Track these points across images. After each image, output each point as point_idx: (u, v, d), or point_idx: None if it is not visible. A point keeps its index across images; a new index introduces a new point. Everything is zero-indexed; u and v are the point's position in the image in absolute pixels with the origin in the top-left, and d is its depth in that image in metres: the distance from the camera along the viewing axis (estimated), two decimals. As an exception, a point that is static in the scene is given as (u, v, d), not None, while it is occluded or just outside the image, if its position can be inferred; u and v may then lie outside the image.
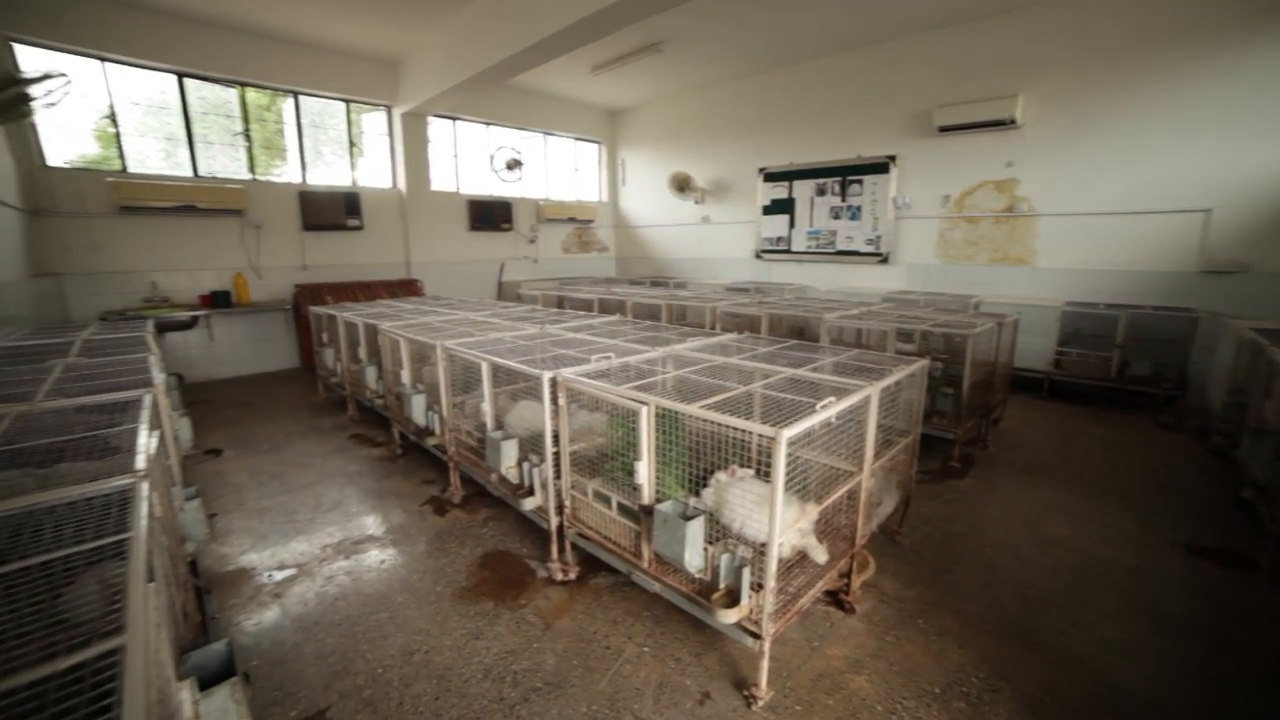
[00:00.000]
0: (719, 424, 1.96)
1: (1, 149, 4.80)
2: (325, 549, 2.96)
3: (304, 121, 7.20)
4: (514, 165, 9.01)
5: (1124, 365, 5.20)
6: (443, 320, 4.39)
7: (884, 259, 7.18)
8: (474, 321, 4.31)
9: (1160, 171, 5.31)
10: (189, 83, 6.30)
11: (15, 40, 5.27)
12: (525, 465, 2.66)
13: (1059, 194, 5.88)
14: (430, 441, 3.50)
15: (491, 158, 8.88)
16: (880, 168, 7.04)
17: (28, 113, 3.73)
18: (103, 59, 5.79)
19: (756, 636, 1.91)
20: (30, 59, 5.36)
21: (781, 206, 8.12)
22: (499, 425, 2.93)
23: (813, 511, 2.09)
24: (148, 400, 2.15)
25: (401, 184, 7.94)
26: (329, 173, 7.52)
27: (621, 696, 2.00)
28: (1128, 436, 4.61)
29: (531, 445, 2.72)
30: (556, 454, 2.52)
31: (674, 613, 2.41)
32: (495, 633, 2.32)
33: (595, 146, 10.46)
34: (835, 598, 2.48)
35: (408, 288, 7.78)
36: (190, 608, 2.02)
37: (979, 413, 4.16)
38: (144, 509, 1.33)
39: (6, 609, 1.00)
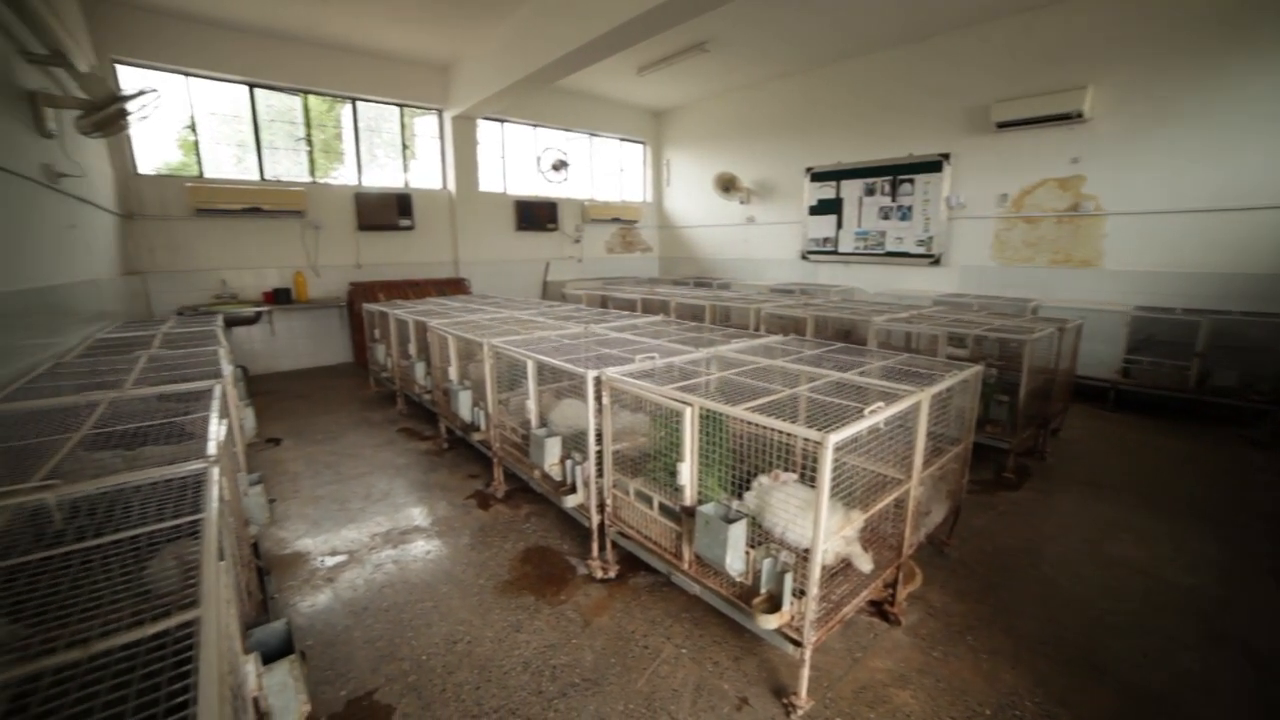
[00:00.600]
0: (763, 427, 1.93)
1: (103, 159, 5.24)
2: (374, 537, 3.07)
3: (360, 126, 7.50)
4: (560, 166, 9.14)
5: (1204, 375, 4.82)
6: (489, 318, 4.49)
7: (935, 261, 6.93)
8: (519, 320, 4.39)
9: (1255, 165, 4.86)
10: (258, 92, 6.68)
11: (117, 62, 5.80)
12: (568, 463, 2.69)
13: (1131, 191, 5.52)
14: (475, 437, 3.59)
15: (538, 159, 9.04)
16: (933, 166, 6.80)
17: (125, 126, 4.03)
18: (186, 74, 6.23)
19: (797, 644, 1.88)
20: (127, 78, 5.87)
21: (829, 207, 7.96)
22: (543, 422, 2.98)
23: (858, 519, 2.04)
24: (218, 390, 2.28)
25: (451, 185, 8.17)
26: (382, 175, 7.81)
27: (659, 697, 2.00)
28: (1209, 453, 4.27)
29: (574, 443, 2.75)
30: (599, 452, 2.54)
31: (713, 615, 2.39)
32: (535, 627, 2.35)
33: (640, 147, 10.50)
34: (880, 608, 2.41)
35: (455, 286, 8.00)
36: (253, 587, 2.14)
37: (1036, 422, 3.96)
38: (215, 492, 1.41)
39: (102, 577, 1.09)
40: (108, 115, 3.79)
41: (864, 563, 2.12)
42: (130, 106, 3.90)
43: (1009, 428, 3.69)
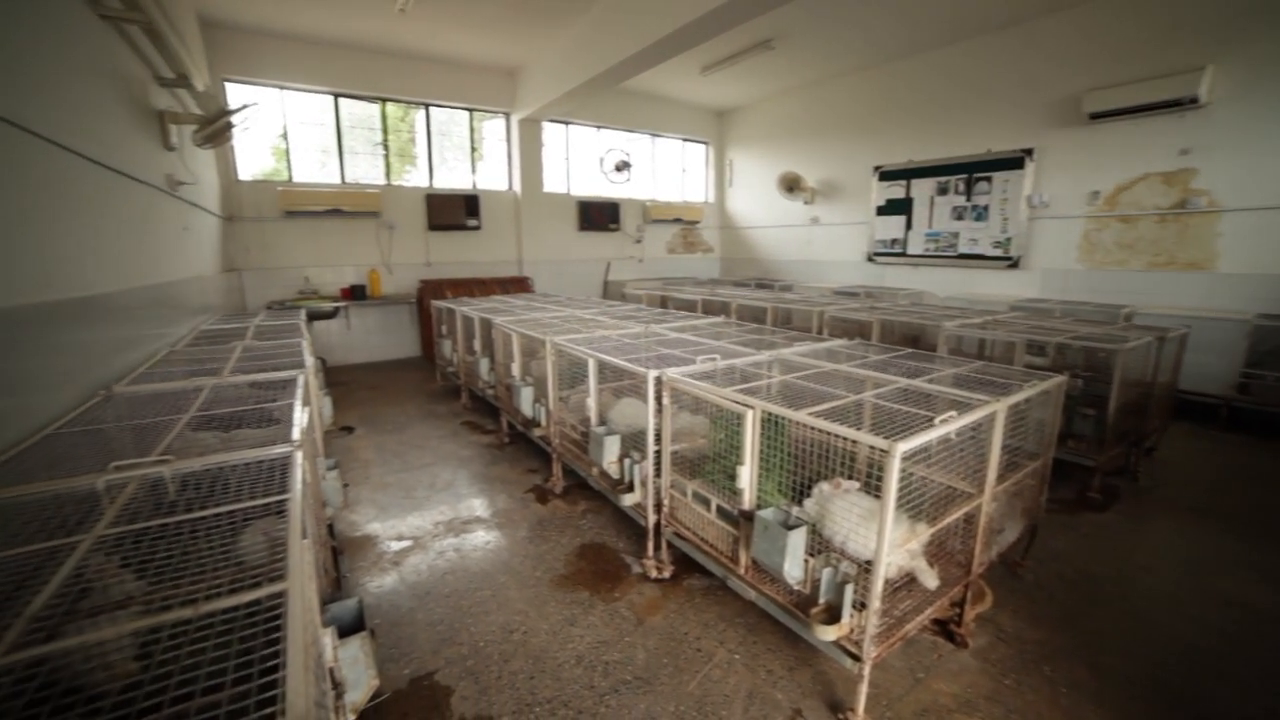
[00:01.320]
0: (826, 433, 1.88)
1: (211, 168, 5.75)
2: (437, 525, 3.21)
3: (432, 130, 7.84)
4: (622, 167, 9.23)
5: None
6: (551, 317, 4.59)
7: (1013, 263, 6.52)
8: (581, 319, 4.46)
9: None
10: (342, 102, 7.12)
11: (226, 80, 6.39)
12: (626, 461, 2.71)
13: (1257, 185, 4.89)
14: (536, 432, 3.68)
15: (601, 160, 9.16)
16: (1013, 163, 6.40)
17: (230, 137, 4.41)
18: (281, 88, 6.74)
19: (856, 658, 1.82)
20: (234, 94, 6.45)
21: (898, 207, 7.65)
22: (602, 421, 3.02)
23: (924, 532, 1.95)
24: (301, 380, 2.44)
25: (517, 186, 8.41)
26: (451, 177, 8.13)
27: (710, 701, 1.98)
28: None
29: (633, 442, 2.77)
30: (658, 452, 2.55)
31: (768, 622, 2.35)
32: (589, 622, 2.39)
33: (703, 147, 10.45)
34: (945, 628, 2.30)
35: (519, 285, 8.23)
36: (328, 565, 2.28)
37: (1128, 439, 3.66)
38: (299, 475, 1.51)
39: (205, 545, 1.19)
40: (217, 128, 4.16)
41: (929, 579, 2.02)
42: (235, 119, 4.25)
43: (1095, 444, 3.43)
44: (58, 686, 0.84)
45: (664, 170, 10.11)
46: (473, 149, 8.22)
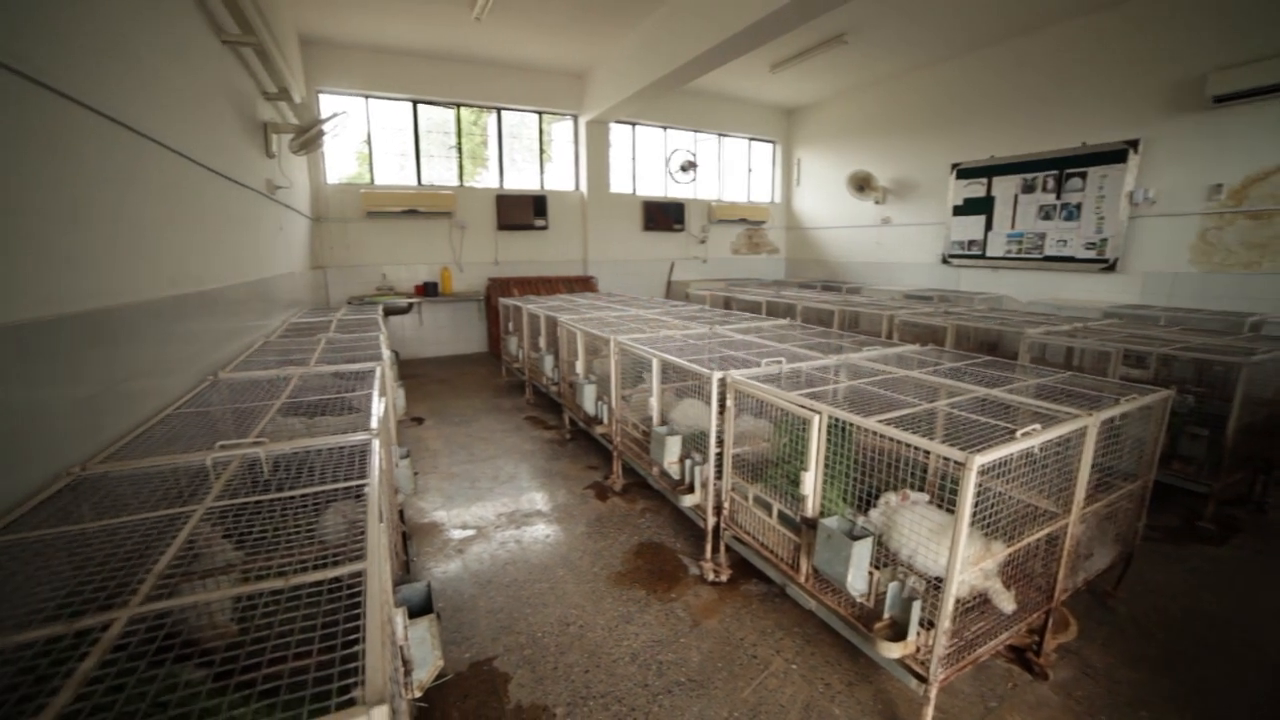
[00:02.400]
0: (897, 442, 1.81)
1: (303, 172, 6.22)
2: (500, 517, 3.31)
3: (503, 132, 8.11)
4: (688, 167, 9.21)
5: None
6: (615, 316, 4.65)
7: (1109, 266, 5.99)
8: (645, 318, 4.49)
9: None
10: (420, 107, 7.49)
11: (320, 91, 6.88)
12: (687, 462, 2.71)
13: None
14: (597, 430, 3.73)
15: (667, 160, 9.18)
16: (1113, 156, 5.87)
17: (321, 144, 4.75)
18: (366, 97, 7.18)
19: (922, 679, 1.74)
20: (325, 104, 6.94)
21: (977, 206, 7.22)
22: (664, 420, 3.02)
23: (1000, 552, 1.84)
24: (378, 372, 2.59)
25: (583, 186, 8.56)
26: (520, 178, 8.38)
27: (765, 710, 1.95)
28: None
29: (694, 443, 2.77)
30: (719, 454, 2.53)
31: (827, 634, 2.29)
32: (645, 620, 2.40)
33: (770, 146, 10.27)
34: (1022, 656, 2.15)
35: (584, 284, 8.37)
36: (399, 548, 2.40)
37: (1253, 465, 3.28)
38: (376, 461, 1.60)
39: (292, 524, 1.29)
40: (311, 136, 4.49)
41: (1005, 602, 1.90)
42: (327, 128, 4.57)
43: (1208, 468, 3.10)
44: (179, 638, 0.94)
45: (730, 170, 10.01)
46: (541, 151, 8.43)
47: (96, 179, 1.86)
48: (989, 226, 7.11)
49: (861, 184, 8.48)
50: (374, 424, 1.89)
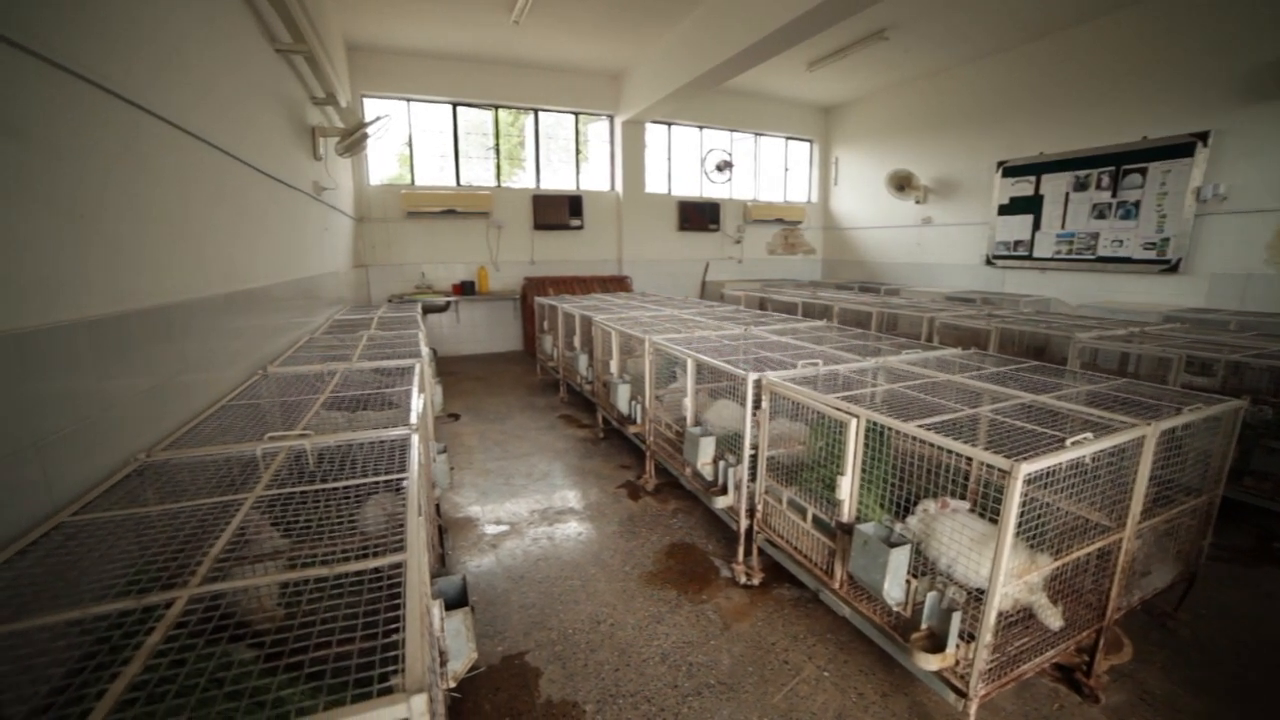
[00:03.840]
0: (936, 448, 1.76)
1: (347, 174, 6.44)
2: (533, 513, 3.36)
3: (539, 133, 8.21)
4: (724, 167, 9.16)
5: None
6: (650, 316, 4.65)
7: (1171, 267, 5.67)
8: (679, 319, 4.48)
9: None
10: (459, 110, 7.65)
11: (364, 95, 7.12)
12: (720, 464, 2.69)
13: None
14: (631, 429, 3.74)
15: (702, 160, 9.14)
16: (1178, 150, 5.54)
17: (365, 147, 4.90)
18: (408, 100, 7.38)
19: (961, 694, 1.68)
20: (369, 107, 7.16)
21: (1024, 205, 6.95)
22: (697, 421, 3.01)
23: (1046, 565, 1.77)
24: (418, 369, 2.65)
25: (619, 187, 8.60)
26: (556, 178, 8.47)
27: (796, 716, 1.92)
28: None
29: (728, 444, 2.75)
30: (753, 456, 2.51)
31: (861, 642, 2.24)
32: (675, 621, 2.40)
33: (807, 145, 10.12)
34: (1069, 676, 2.06)
35: (618, 284, 8.41)
36: (435, 541, 2.46)
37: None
38: (415, 456, 1.64)
39: (335, 514, 1.33)
40: (355, 139, 4.63)
41: (1052, 618, 1.83)
42: (370, 130, 4.71)
43: (1280, 484, 2.91)
44: (232, 619, 0.98)
45: (766, 170, 9.90)
46: (577, 151, 8.51)
47: (161, 182, 1.97)
48: (1037, 226, 6.84)
49: (902, 183, 8.28)
50: (414, 419, 1.94)
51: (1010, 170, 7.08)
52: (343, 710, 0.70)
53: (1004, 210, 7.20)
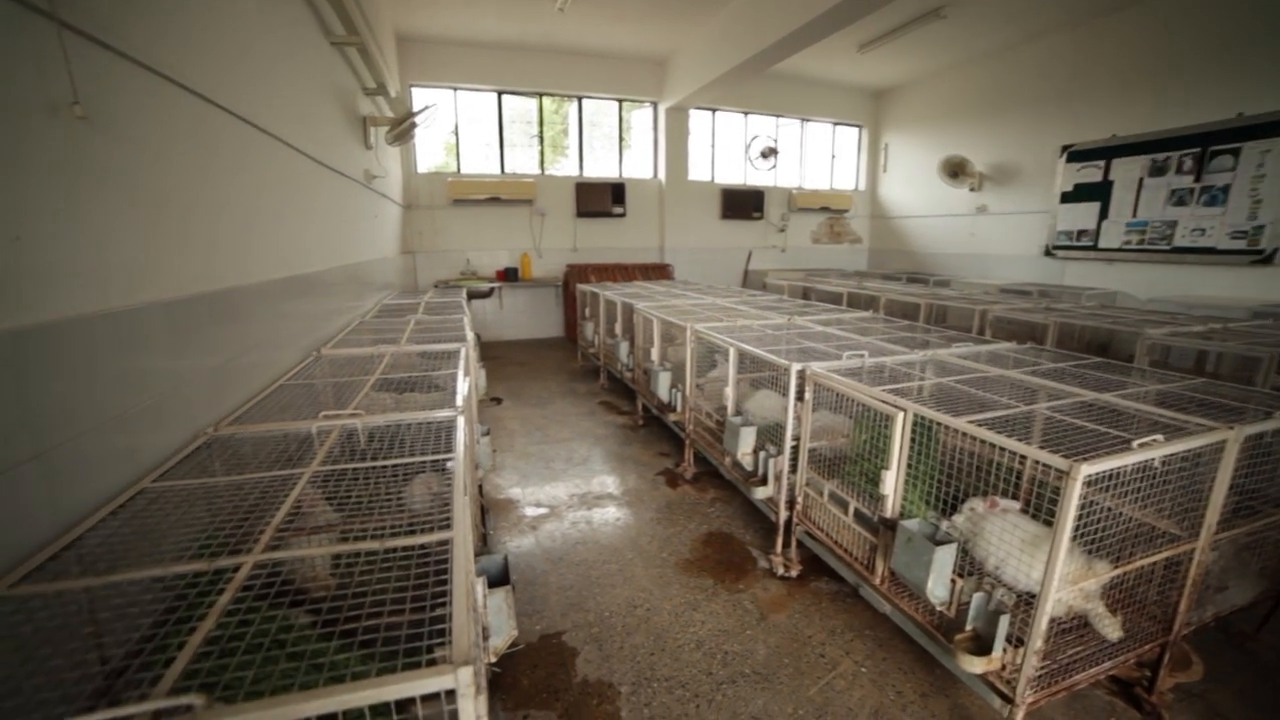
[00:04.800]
0: (987, 445, 1.69)
1: (396, 162, 6.62)
2: (572, 497, 3.41)
3: (583, 121, 8.22)
4: (769, 154, 8.97)
5: None
6: (691, 304, 4.62)
7: (1265, 258, 5.16)
8: (721, 307, 4.44)
9: None
10: (504, 98, 7.73)
11: (412, 85, 7.26)
12: (761, 454, 2.66)
13: None
14: (670, 417, 3.74)
15: (747, 147, 8.98)
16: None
17: (413, 136, 5.02)
18: (455, 89, 7.50)
19: (1007, 700, 1.63)
20: (417, 97, 7.31)
21: (1091, 192, 6.54)
22: (738, 411, 2.99)
23: (1104, 572, 1.68)
24: (463, 352, 2.72)
25: (662, 174, 8.55)
26: (599, 166, 8.47)
27: (831, 710, 1.90)
28: None
29: (769, 435, 2.72)
30: (795, 448, 2.47)
31: (901, 640, 2.19)
32: (711, 609, 2.40)
33: (855, 131, 9.79)
34: (1128, 690, 1.96)
35: (660, 271, 8.39)
36: (477, 521, 2.53)
37: None
38: (461, 437, 1.69)
39: (384, 491, 1.38)
40: (404, 128, 4.75)
41: (1110, 628, 1.74)
42: (418, 120, 4.82)
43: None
44: (291, 585, 1.04)
45: (812, 157, 9.64)
46: (620, 138, 8.48)
47: (226, 171, 2.06)
48: (1104, 215, 6.43)
49: (955, 170, 7.92)
50: (459, 402, 1.99)
51: (1077, 155, 6.67)
52: (394, 677, 0.73)
53: (1067, 198, 6.79)
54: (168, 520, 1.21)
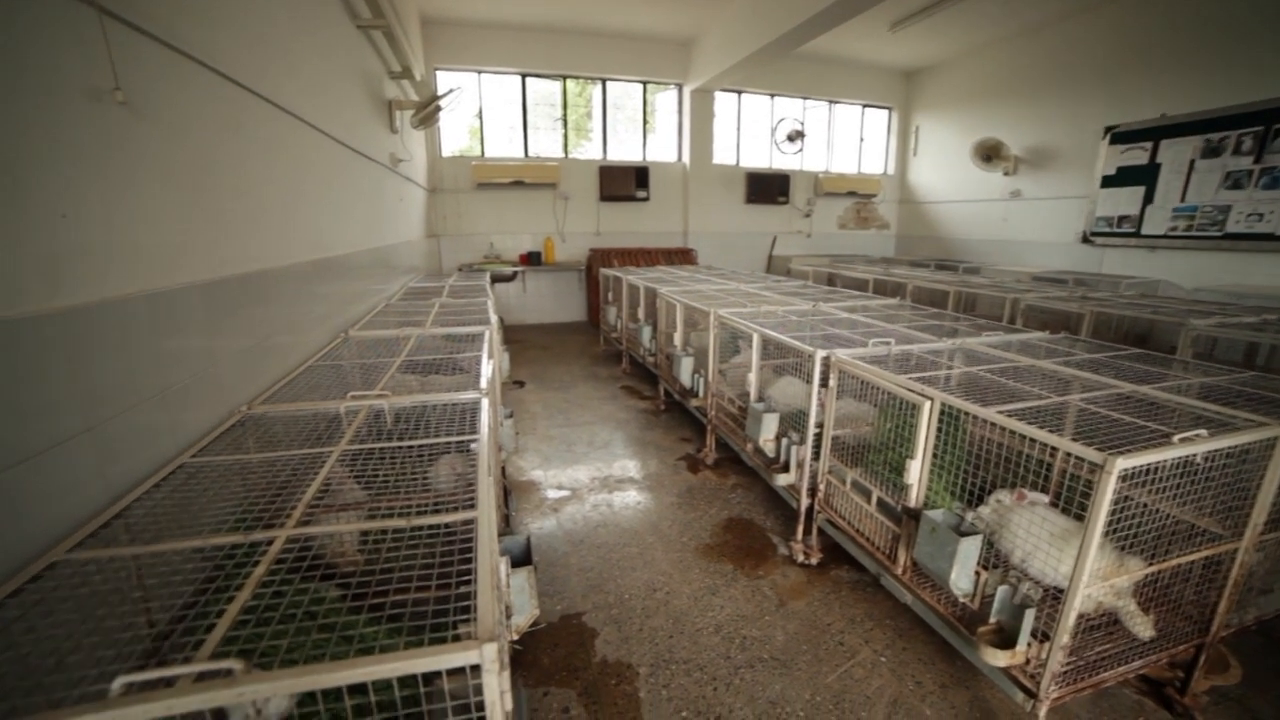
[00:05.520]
0: (1017, 436, 1.65)
1: (421, 146, 6.65)
2: (593, 480, 3.44)
3: (607, 103, 8.14)
4: (795, 137, 8.79)
5: None
6: (715, 289, 4.59)
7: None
8: (745, 292, 4.40)
9: None
10: (528, 81, 7.69)
11: (437, 69, 7.25)
12: (783, 441, 2.65)
13: None
14: (693, 403, 3.74)
15: (773, 129, 8.81)
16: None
17: (438, 119, 5.04)
18: (479, 72, 7.48)
19: (1031, 694, 1.61)
20: (442, 80, 7.30)
21: (1135, 175, 6.27)
22: (761, 397, 2.97)
23: (1137, 569, 1.64)
24: (487, 335, 2.75)
25: (685, 157, 8.44)
26: (622, 149, 8.40)
27: (849, 698, 1.90)
28: None
29: (791, 422, 2.70)
30: (818, 435, 2.45)
31: (921, 630, 2.18)
32: (730, 594, 2.41)
33: (885, 113, 9.53)
34: (1159, 690, 1.92)
35: (683, 256, 8.33)
36: (500, 502, 2.57)
37: None
38: (486, 419, 1.71)
39: (410, 471, 1.41)
40: (429, 112, 4.76)
41: (1141, 626, 1.70)
42: (443, 103, 4.83)
43: None
44: (322, 560, 1.07)
45: (840, 140, 9.41)
46: (644, 121, 8.39)
47: (257, 155, 2.10)
48: (1149, 199, 6.16)
49: (989, 153, 7.66)
50: (484, 384, 2.02)
51: (1121, 136, 6.38)
52: (422, 651, 0.75)
53: (1108, 182, 6.52)
54: (206, 494, 1.26)
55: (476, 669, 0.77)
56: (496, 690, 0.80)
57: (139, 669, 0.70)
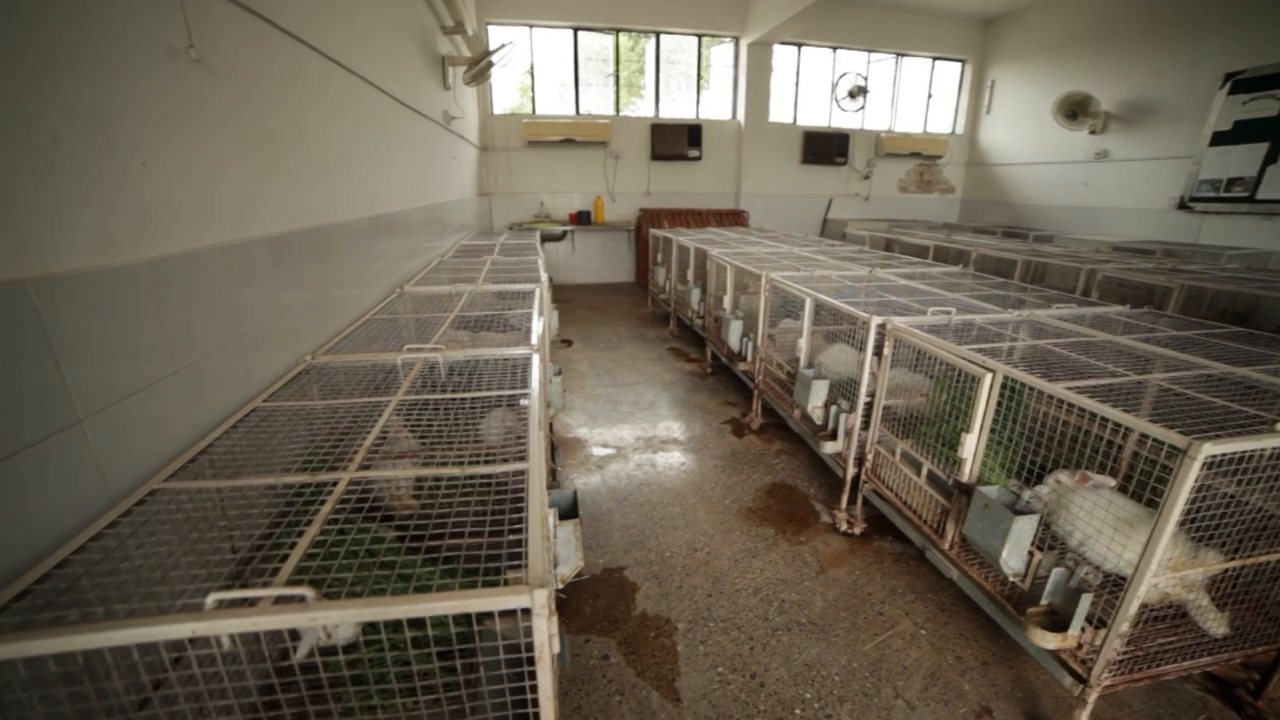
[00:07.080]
0: (1085, 414, 1.56)
1: (473, 103, 6.64)
2: (638, 440, 3.48)
3: (660, 59, 7.87)
4: (857, 93, 8.30)
5: None
6: (767, 252, 4.48)
7: None
8: (798, 256, 4.27)
9: None
10: (580, 35, 7.49)
11: (489, 23, 7.14)
12: (832, 408, 2.60)
13: None
14: (740, 367, 3.71)
15: (834, 85, 8.34)
16: None
17: (490, 75, 5.00)
18: (530, 26, 7.33)
19: (1080, 679, 1.56)
20: (494, 35, 7.20)
21: (1257, 130, 5.52)
22: (811, 363, 2.91)
23: (1213, 563, 1.54)
24: (537, 293, 2.77)
25: (740, 115, 8.13)
26: (675, 107, 8.15)
27: (885, 667, 1.90)
28: None
29: (841, 389, 2.64)
30: (868, 404, 2.39)
31: (964, 606, 2.14)
32: (770, 559, 2.42)
33: (957, 66, 8.84)
34: (1229, 691, 1.82)
35: (735, 218, 8.12)
36: (548, 457, 2.64)
37: None
38: (536, 374, 1.74)
39: (463, 423, 1.46)
40: (481, 68, 4.72)
41: (1214, 623, 1.60)
42: (495, 58, 4.78)
43: None
44: (381, 503, 1.13)
45: (906, 97, 8.82)
46: (699, 76, 8.09)
47: (318, 111, 2.14)
48: (1272, 158, 5.44)
49: (1075, 109, 7.01)
50: (535, 340, 2.05)
51: (1244, 84, 5.61)
52: (477, 592, 0.79)
53: (1220, 139, 5.84)
54: (276, 436, 1.35)
55: (528, 612, 0.81)
56: (545, 633, 0.84)
57: (226, 588, 0.77)
